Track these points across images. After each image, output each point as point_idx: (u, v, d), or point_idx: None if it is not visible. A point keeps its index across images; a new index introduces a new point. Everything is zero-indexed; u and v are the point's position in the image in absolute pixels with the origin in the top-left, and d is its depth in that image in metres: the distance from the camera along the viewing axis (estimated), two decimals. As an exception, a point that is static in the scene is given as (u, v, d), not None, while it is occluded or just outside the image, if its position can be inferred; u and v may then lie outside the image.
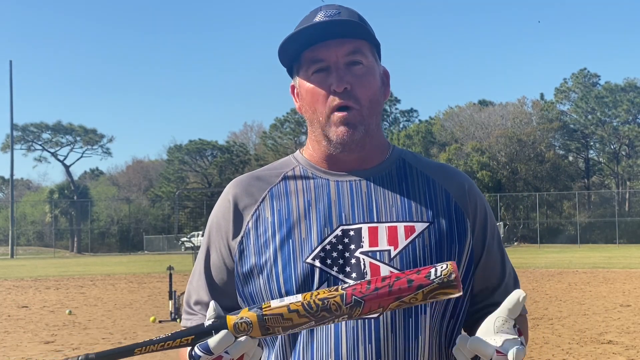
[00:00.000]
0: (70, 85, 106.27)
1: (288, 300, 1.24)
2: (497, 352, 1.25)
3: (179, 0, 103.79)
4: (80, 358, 1.18)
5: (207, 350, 1.22)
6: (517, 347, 1.25)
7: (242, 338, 1.23)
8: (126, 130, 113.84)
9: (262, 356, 1.52)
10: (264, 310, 1.23)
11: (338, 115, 1.50)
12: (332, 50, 1.50)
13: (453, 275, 1.22)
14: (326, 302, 1.22)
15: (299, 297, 1.24)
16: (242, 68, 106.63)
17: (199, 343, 1.23)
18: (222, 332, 1.22)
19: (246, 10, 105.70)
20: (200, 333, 1.23)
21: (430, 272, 1.23)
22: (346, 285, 1.26)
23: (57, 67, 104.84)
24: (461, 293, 1.23)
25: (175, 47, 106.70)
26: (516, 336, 1.27)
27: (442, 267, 1.23)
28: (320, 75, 1.51)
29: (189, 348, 1.26)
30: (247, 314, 1.23)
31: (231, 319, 1.23)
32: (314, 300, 1.22)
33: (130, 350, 1.21)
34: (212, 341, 1.22)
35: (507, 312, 1.29)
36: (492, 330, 1.29)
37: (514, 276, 1.66)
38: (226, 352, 1.23)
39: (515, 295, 1.30)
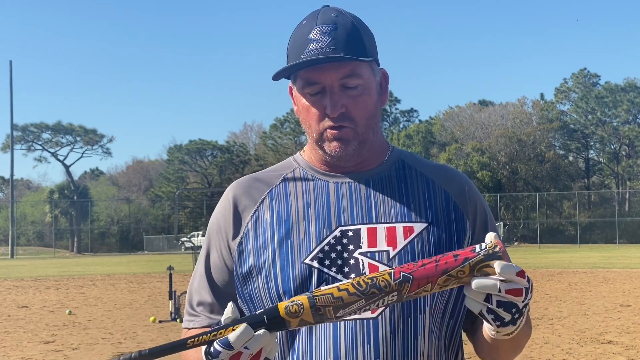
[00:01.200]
0: (70, 85, 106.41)
1: (338, 282, 1.26)
2: (501, 281, 1.22)
3: (179, 1, 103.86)
4: (133, 355, 1.19)
5: (227, 345, 1.21)
6: (504, 262, 1.22)
7: (261, 332, 1.23)
8: (126, 130, 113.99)
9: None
10: (314, 292, 1.25)
11: (331, 132, 1.51)
12: (327, 74, 1.49)
13: (498, 247, 1.23)
14: (375, 280, 1.23)
15: (347, 280, 1.26)
16: (242, 68, 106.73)
17: (219, 340, 1.22)
18: (242, 326, 1.22)
19: (246, 10, 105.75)
20: (254, 321, 1.23)
21: (475, 247, 1.25)
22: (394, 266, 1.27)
23: (57, 67, 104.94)
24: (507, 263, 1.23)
25: (175, 47, 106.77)
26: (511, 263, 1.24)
27: (486, 242, 1.25)
28: (316, 96, 1.51)
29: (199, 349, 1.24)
30: (298, 297, 1.25)
31: (282, 303, 1.24)
32: (363, 280, 1.24)
33: (183, 344, 1.22)
34: (232, 336, 1.21)
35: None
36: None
37: None
38: (246, 348, 1.22)
39: (488, 236, 1.27)
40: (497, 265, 1.21)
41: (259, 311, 1.25)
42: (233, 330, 1.22)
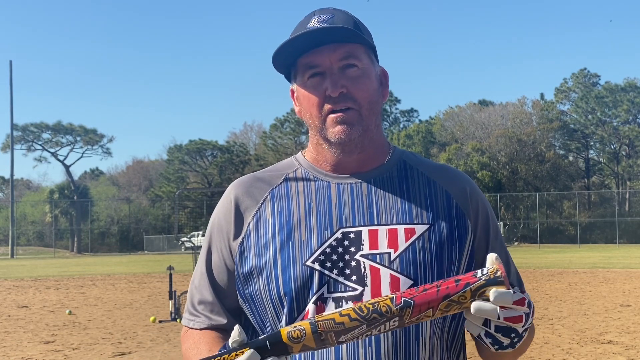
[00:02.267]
0: (70, 85, 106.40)
1: (340, 308, 1.27)
2: (500, 307, 1.23)
3: (179, 1, 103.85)
4: None
5: None
6: (500, 290, 1.21)
7: (270, 359, 1.23)
8: (126, 130, 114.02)
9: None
10: (316, 317, 1.25)
11: (334, 115, 1.51)
12: (325, 55, 1.50)
13: (499, 272, 1.23)
14: (376, 305, 1.23)
15: (350, 305, 1.27)
16: (243, 68, 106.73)
17: None
18: (248, 352, 1.22)
19: (246, 10, 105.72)
20: (257, 346, 1.24)
21: (477, 272, 1.25)
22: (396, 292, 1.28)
23: (57, 67, 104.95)
24: (510, 289, 1.23)
25: (175, 47, 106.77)
26: (510, 289, 1.24)
27: (487, 268, 1.25)
28: (316, 80, 1.52)
29: None
30: (300, 322, 1.25)
31: (285, 329, 1.25)
32: (364, 305, 1.24)
33: None
34: None
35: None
36: None
37: (518, 278, 1.65)
38: None
39: (489, 258, 1.27)
40: (491, 293, 1.21)
41: (262, 336, 1.25)
42: (239, 355, 1.23)
